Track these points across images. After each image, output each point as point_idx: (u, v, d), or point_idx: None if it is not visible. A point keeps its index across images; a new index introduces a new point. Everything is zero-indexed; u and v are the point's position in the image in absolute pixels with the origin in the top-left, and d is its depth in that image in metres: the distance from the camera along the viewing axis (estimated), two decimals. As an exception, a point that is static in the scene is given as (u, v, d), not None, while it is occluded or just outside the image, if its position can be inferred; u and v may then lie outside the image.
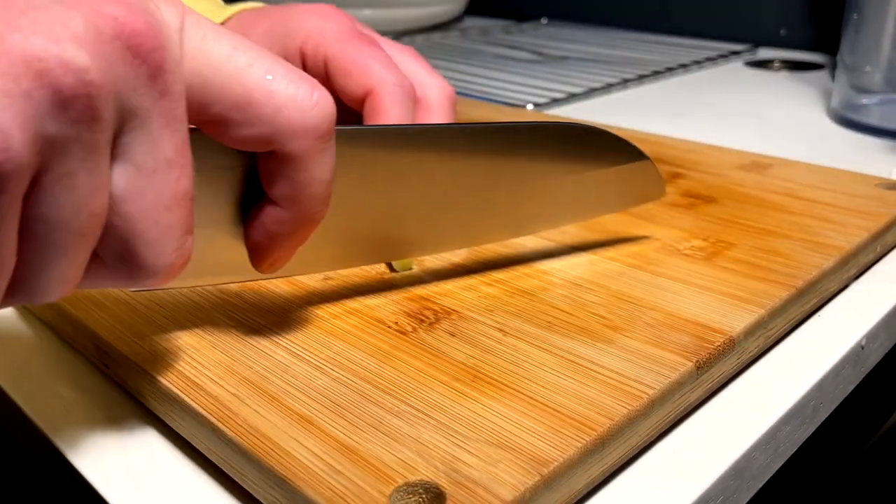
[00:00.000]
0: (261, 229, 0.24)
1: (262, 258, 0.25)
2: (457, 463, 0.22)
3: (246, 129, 0.21)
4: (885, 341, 0.35)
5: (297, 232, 0.24)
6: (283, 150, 0.22)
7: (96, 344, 0.29)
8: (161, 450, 0.26)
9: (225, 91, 0.21)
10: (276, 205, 0.23)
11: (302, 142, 0.22)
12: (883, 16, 0.59)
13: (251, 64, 0.21)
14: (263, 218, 0.24)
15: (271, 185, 0.23)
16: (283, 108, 0.21)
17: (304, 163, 0.22)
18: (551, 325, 0.29)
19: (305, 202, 0.23)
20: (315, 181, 0.23)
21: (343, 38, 0.34)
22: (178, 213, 0.20)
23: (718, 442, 0.26)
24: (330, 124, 0.23)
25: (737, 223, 0.38)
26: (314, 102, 0.22)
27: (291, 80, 0.22)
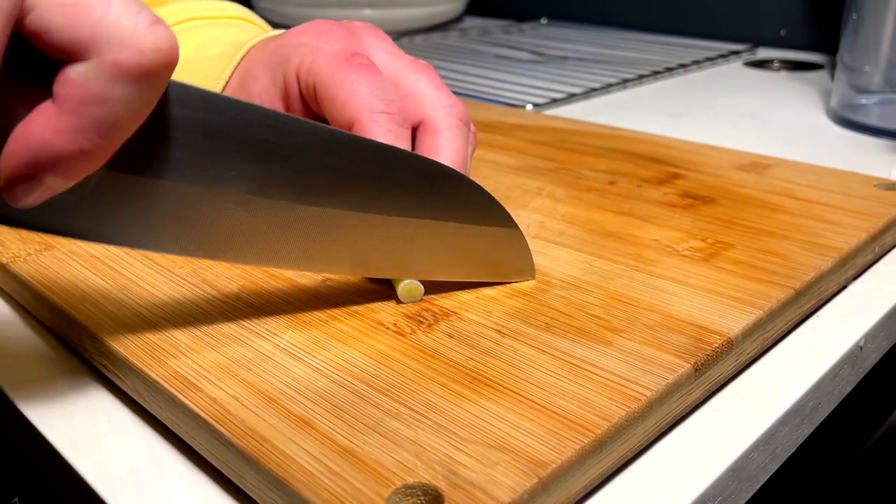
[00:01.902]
0: (23, 131, 0.21)
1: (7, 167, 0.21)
2: (455, 465, 0.22)
3: (64, 30, 0.20)
4: (883, 342, 0.35)
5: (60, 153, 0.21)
6: (96, 57, 0.20)
7: (95, 345, 0.29)
8: (161, 451, 0.26)
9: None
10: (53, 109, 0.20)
11: (124, 54, 0.20)
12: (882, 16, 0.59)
13: None
14: (33, 119, 0.20)
15: (61, 85, 0.20)
16: (114, 19, 0.20)
17: (113, 77, 0.20)
18: (549, 327, 0.29)
19: (88, 119, 0.20)
20: (110, 103, 0.20)
21: (332, 62, 0.32)
22: None
23: (717, 442, 0.26)
24: (159, 58, 0.20)
25: (735, 224, 0.38)
26: (152, 28, 0.20)
27: (133, 5, 0.20)
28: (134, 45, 0.20)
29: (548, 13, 1.18)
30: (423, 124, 0.33)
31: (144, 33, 0.20)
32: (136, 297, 0.31)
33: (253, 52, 0.37)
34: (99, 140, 0.21)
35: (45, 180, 0.21)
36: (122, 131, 0.21)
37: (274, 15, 1.05)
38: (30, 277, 0.33)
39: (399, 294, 0.31)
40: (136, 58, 0.20)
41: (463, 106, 0.34)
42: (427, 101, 0.33)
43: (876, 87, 0.62)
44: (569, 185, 0.44)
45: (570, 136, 0.53)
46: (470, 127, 0.34)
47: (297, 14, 1.05)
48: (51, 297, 0.31)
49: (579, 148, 0.51)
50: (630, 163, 0.47)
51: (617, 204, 0.41)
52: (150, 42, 0.20)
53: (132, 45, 0.20)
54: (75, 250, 0.35)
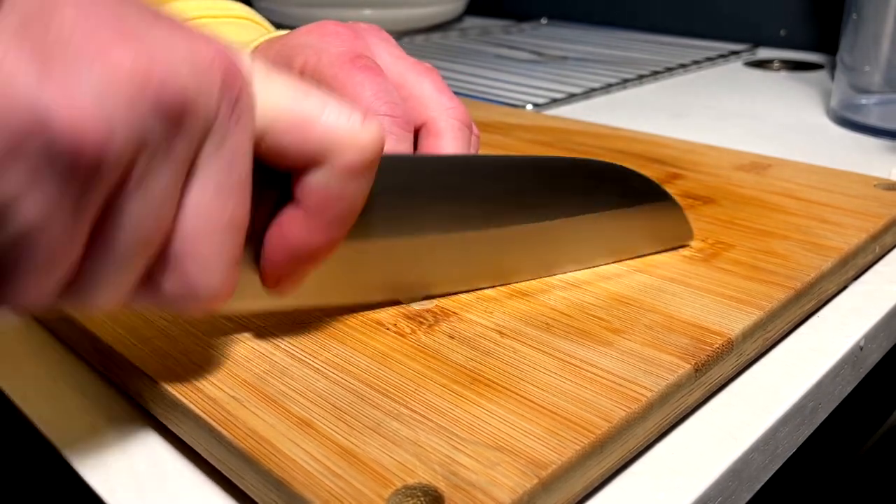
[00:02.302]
0: (279, 238, 0.24)
1: (273, 271, 0.24)
2: (455, 466, 0.22)
3: (297, 149, 0.22)
4: (883, 342, 0.35)
5: (314, 248, 0.24)
6: (328, 164, 0.23)
7: (96, 347, 0.29)
8: (161, 453, 0.26)
9: (281, 119, 0.22)
10: (301, 214, 0.23)
11: (349, 156, 0.23)
12: (882, 16, 0.59)
13: (307, 94, 0.23)
14: (284, 226, 0.24)
15: (305, 193, 0.23)
16: (334, 126, 0.22)
17: (346, 177, 0.23)
18: (550, 327, 0.29)
19: (332, 216, 0.23)
20: (348, 198, 0.23)
21: (336, 63, 0.33)
22: (231, 241, 0.21)
23: (717, 443, 0.26)
24: (378, 148, 0.23)
25: (735, 224, 0.38)
26: (365, 125, 0.23)
27: (344, 106, 0.23)
28: (356, 146, 0.23)
29: (548, 13, 1.18)
30: (425, 127, 0.33)
31: (361, 132, 0.23)
32: (136, 297, 0.31)
33: (258, 52, 0.37)
34: (340, 229, 0.24)
35: (304, 271, 0.25)
36: (356, 214, 0.24)
37: (275, 15, 1.05)
38: (30, 278, 0.33)
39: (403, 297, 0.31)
40: (361, 156, 0.23)
41: (465, 109, 0.35)
42: (430, 104, 0.34)
43: (876, 87, 0.62)
44: (569, 185, 0.44)
45: (570, 136, 0.53)
46: (472, 130, 0.35)
47: (297, 14, 1.05)
48: (51, 298, 0.31)
49: (579, 148, 0.50)
50: (630, 163, 0.47)
51: (617, 204, 0.41)
52: (368, 139, 0.23)
53: (354, 146, 0.23)
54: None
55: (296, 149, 0.22)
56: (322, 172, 0.23)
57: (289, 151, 0.22)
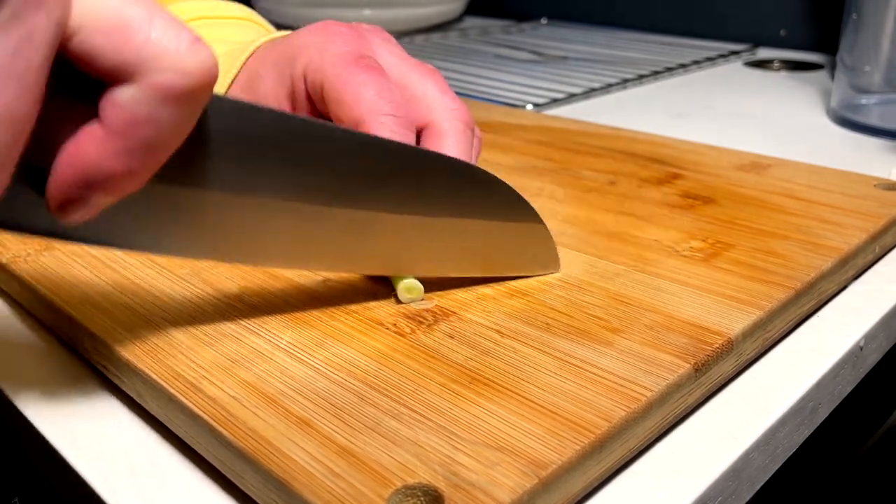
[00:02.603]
0: (72, 154, 0.21)
1: (57, 190, 0.21)
2: (455, 466, 0.22)
3: (110, 55, 0.20)
4: (883, 342, 0.35)
5: (108, 173, 0.21)
6: (142, 80, 0.20)
7: (95, 346, 0.29)
8: (161, 452, 0.26)
9: (99, 18, 0.20)
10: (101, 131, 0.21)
11: (167, 76, 0.20)
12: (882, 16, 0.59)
13: (135, 2, 0.20)
14: (80, 141, 0.21)
15: (108, 108, 0.21)
16: (157, 41, 0.20)
17: (158, 99, 0.20)
18: (549, 327, 0.29)
19: (135, 140, 0.21)
20: (156, 124, 0.21)
21: (340, 63, 0.32)
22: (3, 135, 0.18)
23: (717, 443, 0.26)
24: (204, 78, 0.21)
25: (735, 224, 0.38)
26: (193, 48, 0.21)
27: (176, 24, 0.21)
28: (178, 67, 0.20)
29: (548, 13, 1.18)
30: (428, 127, 0.33)
31: (187, 54, 0.20)
32: (136, 297, 0.31)
33: (260, 52, 0.37)
34: (146, 159, 0.21)
35: (95, 199, 0.22)
36: (168, 149, 0.22)
37: (274, 15, 1.05)
38: (30, 278, 0.33)
39: (398, 293, 0.31)
40: (181, 79, 0.20)
41: (468, 110, 0.34)
42: (433, 105, 0.34)
43: (876, 87, 0.62)
44: (569, 185, 0.44)
45: (570, 136, 0.53)
46: (475, 131, 0.35)
47: (297, 14, 1.05)
48: (51, 298, 0.31)
49: (579, 148, 0.51)
50: (630, 163, 0.47)
51: (617, 204, 0.41)
52: (193, 63, 0.20)
53: (176, 67, 0.20)
54: (75, 251, 0.35)
55: (108, 55, 0.20)
56: (132, 88, 0.20)
57: (100, 56, 0.20)
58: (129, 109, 0.20)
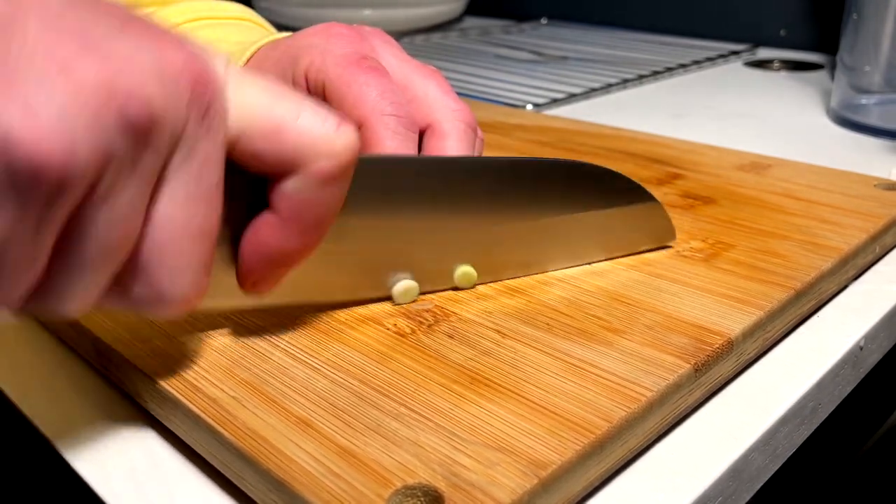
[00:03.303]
0: (254, 243, 0.24)
1: (249, 274, 0.25)
2: (455, 466, 0.22)
3: (271, 155, 0.22)
4: (884, 342, 0.35)
5: (290, 253, 0.24)
6: (303, 171, 0.23)
7: (96, 346, 0.29)
8: (161, 452, 0.26)
9: (255, 124, 0.22)
10: (276, 220, 0.23)
11: (323, 163, 0.22)
12: (882, 16, 0.59)
13: (281, 99, 0.22)
14: (260, 231, 0.24)
15: (279, 199, 0.23)
16: (308, 133, 0.22)
17: (320, 184, 0.23)
18: (550, 327, 0.29)
19: (307, 222, 0.23)
20: (323, 205, 0.23)
21: (342, 63, 0.33)
22: (201, 248, 0.21)
23: (717, 443, 0.26)
24: (352, 155, 0.23)
25: (736, 224, 0.38)
26: (339, 131, 0.23)
27: (318, 111, 0.23)
28: (331, 153, 0.23)
29: (548, 13, 1.18)
30: (430, 128, 0.33)
31: (335, 138, 0.23)
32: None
33: (261, 53, 0.37)
34: (316, 234, 0.24)
35: (280, 273, 0.25)
36: (333, 219, 0.24)
37: (274, 15, 1.05)
38: (30, 278, 0.33)
39: (394, 297, 0.31)
40: (336, 163, 0.23)
41: (470, 111, 0.35)
42: (435, 106, 0.34)
43: (876, 87, 0.62)
44: (569, 185, 0.44)
45: (570, 136, 0.53)
46: (477, 132, 0.35)
47: (297, 14, 1.05)
48: (51, 298, 0.31)
49: (579, 148, 0.50)
50: (630, 163, 0.47)
51: (617, 204, 0.41)
52: (342, 145, 0.23)
53: (329, 153, 0.23)
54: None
55: (270, 155, 0.22)
56: (297, 179, 0.23)
57: (263, 157, 0.22)
58: (298, 198, 0.23)
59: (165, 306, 0.21)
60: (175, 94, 0.19)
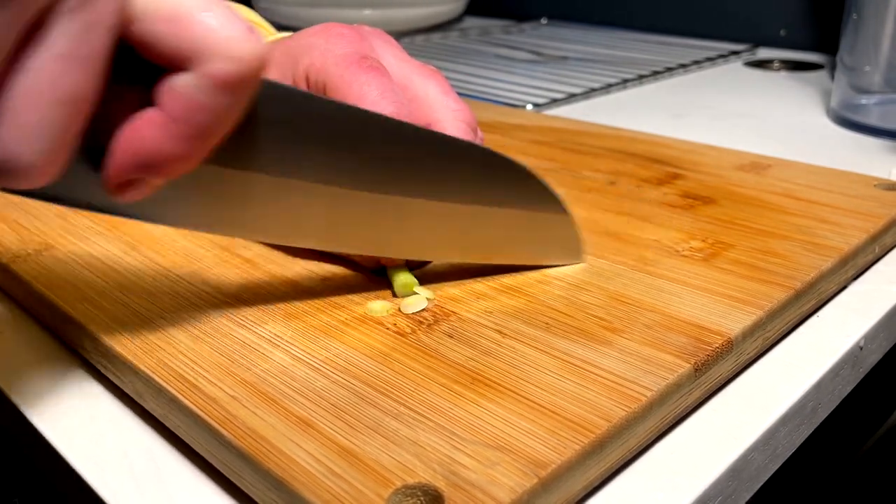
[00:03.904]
0: (129, 138, 0.22)
1: (116, 172, 0.22)
2: (455, 465, 0.22)
3: (169, 42, 0.21)
4: (883, 342, 0.35)
5: (165, 157, 0.22)
6: (199, 68, 0.21)
7: (95, 345, 0.29)
8: (160, 452, 0.26)
9: (159, 5, 0.21)
10: (159, 117, 0.22)
11: (222, 64, 0.21)
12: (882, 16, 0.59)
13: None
14: (138, 126, 0.22)
15: (167, 95, 0.21)
16: (213, 29, 0.21)
17: (214, 87, 0.21)
18: (549, 327, 0.29)
19: (192, 127, 0.22)
20: (213, 112, 0.22)
21: (343, 63, 0.33)
22: (64, 115, 0.19)
23: (716, 443, 0.26)
24: (255, 64, 0.22)
25: (735, 224, 0.38)
26: (248, 37, 0.21)
27: (229, 16, 0.21)
28: (233, 56, 0.21)
29: (548, 13, 1.18)
30: (430, 128, 0.33)
31: (242, 43, 0.21)
32: (135, 297, 0.31)
33: None
34: (201, 143, 0.22)
35: (150, 181, 0.23)
36: (221, 133, 0.23)
37: (274, 15, 1.05)
38: (30, 277, 0.33)
39: (395, 288, 0.31)
40: (237, 68, 0.21)
41: (470, 111, 0.35)
42: (435, 106, 0.34)
43: (876, 87, 0.62)
44: (569, 185, 0.44)
45: (570, 137, 0.53)
46: (477, 132, 0.35)
47: (297, 14, 1.05)
48: (50, 297, 0.31)
49: (579, 148, 0.50)
50: (630, 163, 0.47)
51: (617, 204, 0.41)
52: (248, 52, 0.21)
53: (232, 56, 0.21)
54: (75, 250, 0.35)
55: (167, 42, 0.21)
56: (189, 76, 0.21)
57: (159, 43, 0.21)
58: (186, 96, 0.21)
59: (10, 171, 0.19)
60: None
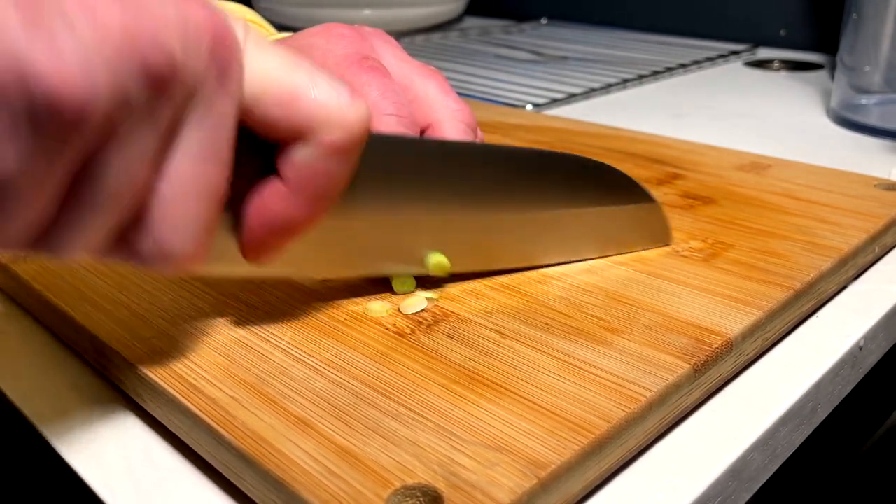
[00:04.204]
0: (260, 210, 0.24)
1: (252, 241, 0.25)
2: (454, 466, 0.22)
3: (285, 122, 0.23)
4: (883, 342, 0.35)
5: (294, 222, 0.24)
6: (314, 140, 0.23)
7: (95, 346, 0.29)
8: (160, 452, 0.26)
9: (270, 91, 0.22)
10: (283, 188, 0.24)
11: (335, 133, 0.23)
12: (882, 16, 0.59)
13: (298, 68, 0.23)
14: (266, 198, 0.24)
15: (288, 167, 0.23)
16: (322, 103, 0.23)
17: (330, 155, 0.23)
18: (549, 327, 0.29)
19: (314, 192, 0.24)
20: (331, 176, 0.24)
21: (344, 64, 0.33)
22: (207, 207, 0.21)
23: (716, 443, 0.26)
24: (364, 128, 0.23)
25: (735, 224, 0.38)
26: (352, 104, 0.23)
27: (334, 83, 0.23)
28: (343, 125, 0.23)
29: (548, 13, 1.18)
30: (430, 128, 0.34)
31: (348, 111, 0.23)
32: (135, 298, 0.31)
33: None
34: (323, 205, 0.24)
35: (283, 243, 0.25)
36: (339, 192, 0.24)
37: (273, 15, 1.05)
38: (30, 278, 0.33)
39: (394, 285, 0.32)
40: (347, 135, 0.23)
41: (470, 111, 0.35)
42: (435, 106, 0.34)
43: (876, 87, 0.62)
44: (569, 185, 0.44)
45: (570, 136, 0.53)
46: (477, 132, 0.35)
47: (297, 14, 1.05)
48: (51, 298, 0.31)
49: (579, 148, 0.50)
50: (630, 163, 0.47)
51: (617, 204, 0.41)
52: (355, 118, 0.23)
53: (341, 125, 0.23)
54: (75, 251, 0.35)
55: (283, 122, 0.23)
56: (307, 148, 0.23)
57: (276, 124, 0.23)
58: (306, 167, 0.23)
59: (167, 262, 0.22)
60: (196, 49, 0.20)
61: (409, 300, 0.31)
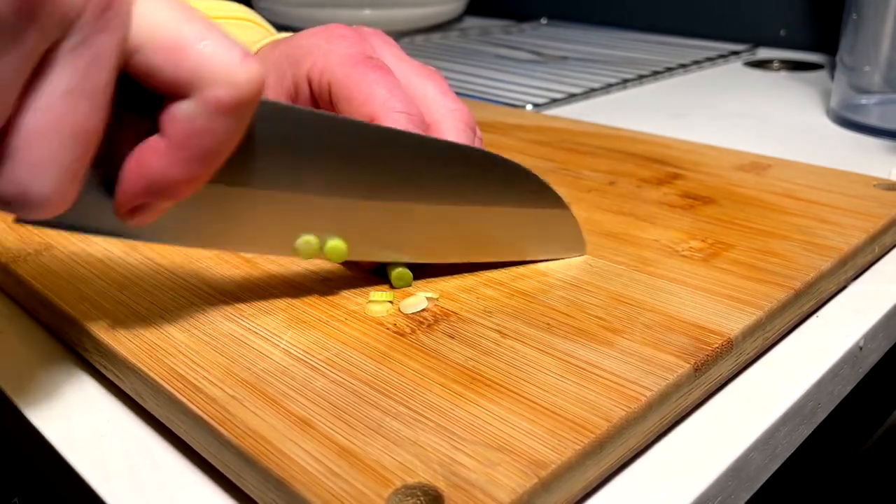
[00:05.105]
0: (137, 166, 0.23)
1: (126, 199, 0.23)
2: (455, 465, 0.22)
3: (168, 72, 0.21)
4: (883, 342, 0.35)
5: (172, 182, 0.23)
6: (198, 95, 0.22)
7: (95, 345, 0.29)
8: (160, 452, 0.26)
9: (157, 37, 0.21)
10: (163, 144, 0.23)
11: (221, 90, 0.22)
12: (882, 16, 0.59)
13: (190, 20, 0.22)
14: (144, 154, 0.23)
15: (169, 122, 0.22)
16: (210, 57, 0.22)
17: (214, 112, 0.22)
18: (550, 327, 0.29)
19: (195, 151, 0.22)
20: (214, 136, 0.22)
21: (348, 62, 0.33)
22: (72, 148, 0.20)
23: (716, 443, 0.26)
24: (254, 90, 0.22)
25: (735, 224, 0.38)
26: (243, 63, 0.22)
27: (226, 41, 0.22)
28: (231, 82, 0.22)
29: (548, 13, 1.18)
30: (429, 128, 0.34)
31: (239, 69, 0.22)
32: (135, 297, 0.31)
33: (261, 53, 0.38)
34: (204, 166, 0.23)
35: (158, 204, 0.24)
36: (224, 155, 0.23)
37: (273, 15, 1.05)
38: (30, 277, 0.33)
39: (392, 280, 0.32)
40: (234, 93, 0.22)
41: (469, 111, 0.35)
42: (434, 106, 0.34)
43: (876, 87, 0.62)
44: (569, 185, 0.44)
45: (570, 137, 0.53)
46: (476, 132, 0.35)
47: (297, 14, 1.05)
48: (50, 297, 0.31)
49: (579, 148, 0.50)
50: (630, 163, 0.47)
51: (617, 204, 0.41)
52: (245, 76, 0.22)
53: (229, 82, 0.22)
54: (75, 251, 0.35)
55: (167, 72, 0.21)
56: (189, 103, 0.22)
57: (158, 73, 0.21)
58: (188, 123, 0.22)
59: (24, 205, 0.20)
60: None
61: (410, 300, 0.31)
